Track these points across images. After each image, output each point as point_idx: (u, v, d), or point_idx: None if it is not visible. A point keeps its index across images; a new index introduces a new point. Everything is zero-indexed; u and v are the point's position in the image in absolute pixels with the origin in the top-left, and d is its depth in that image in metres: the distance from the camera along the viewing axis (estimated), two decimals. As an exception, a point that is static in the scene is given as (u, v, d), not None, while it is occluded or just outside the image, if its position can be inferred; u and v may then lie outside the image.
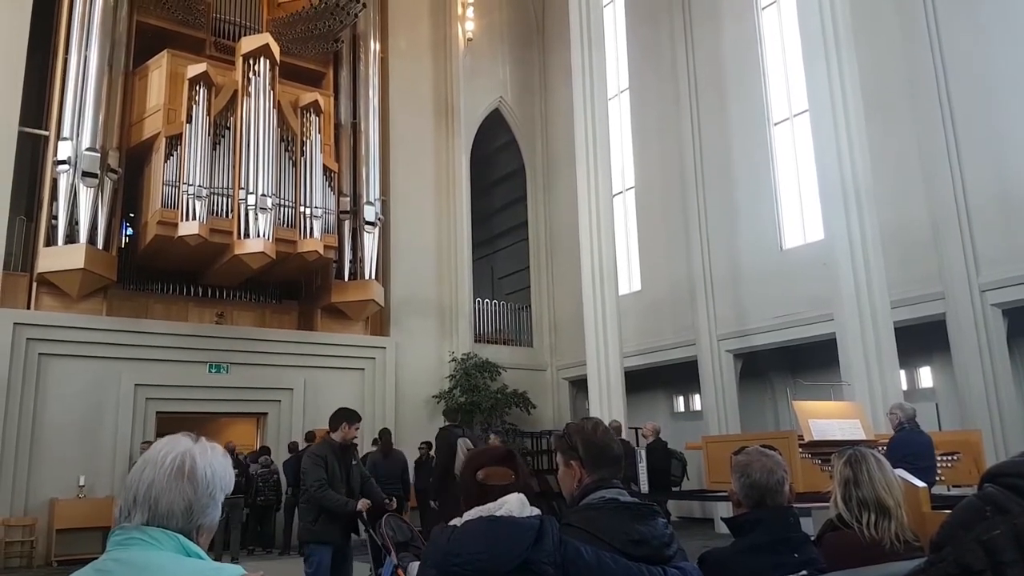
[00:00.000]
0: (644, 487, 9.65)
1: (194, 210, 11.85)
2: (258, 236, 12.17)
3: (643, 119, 15.78)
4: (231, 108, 12.76)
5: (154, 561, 1.32)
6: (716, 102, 14.07)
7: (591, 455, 2.07)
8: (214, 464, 1.44)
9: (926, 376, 11.86)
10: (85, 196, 11.60)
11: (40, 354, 11.60)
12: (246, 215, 12.23)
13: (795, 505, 2.53)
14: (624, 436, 10.79)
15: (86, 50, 12.03)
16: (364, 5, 14.76)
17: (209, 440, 1.49)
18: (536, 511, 1.82)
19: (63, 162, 11.62)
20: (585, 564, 1.75)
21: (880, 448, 6.33)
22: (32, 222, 12.18)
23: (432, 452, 11.19)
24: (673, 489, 10.64)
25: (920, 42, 10.78)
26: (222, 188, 12.33)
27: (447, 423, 9.86)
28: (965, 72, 10.40)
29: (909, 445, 6.45)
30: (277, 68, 13.12)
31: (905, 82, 11.01)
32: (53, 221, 11.67)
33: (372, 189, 14.57)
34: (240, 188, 12.33)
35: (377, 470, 9.44)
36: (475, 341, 16.13)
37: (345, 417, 5.74)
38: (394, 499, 6.20)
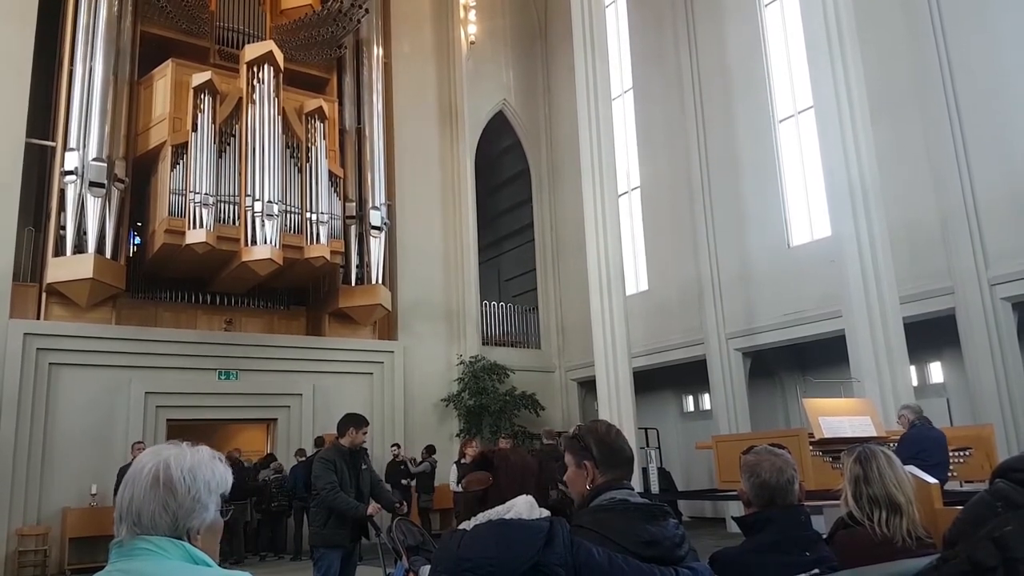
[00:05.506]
0: (655, 487, 9.63)
1: (201, 218, 11.91)
2: (265, 243, 12.22)
3: (647, 118, 15.75)
4: (236, 116, 12.81)
5: (162, 571, 1.31)
6: (720, 99, 14.03)
7: (605, 456, 2.06)
8: (195, 467, 1.41)
9: (936, 371, 11.81)
10: (93, 206, 11.66)
11: (50, 364, 11.66)
12: (253, 222, 12.29)
13: (806, 503, 2.52)
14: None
15: (91, 60, 12.09)
16: (367, 11, 14.78)
17: (195, 444, 1.46)
18: (546, 513, 1.82)
19: (70, 173, 11.68)
20: (597, 565, 1.74)
21: (891, 445, 6.30)
22: (40, 233, 12.24)
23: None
24: None
25: (926, 37, 10.73)
26: (228, 196, 12.38)
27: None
28: (971, 67, 10.34)
29: (920, 442, 6.41)
30: (281, 75, 13.18)
31: (911, 78, 10.96)
32: (61, 231, 11.72)
33: (377, 194, 14.60)
34: (246, 195, 12.40)
35: None
36: (483, 344, 16.13)
37: (353, 422, 5.76)
38: (404, 503, 6.20)
